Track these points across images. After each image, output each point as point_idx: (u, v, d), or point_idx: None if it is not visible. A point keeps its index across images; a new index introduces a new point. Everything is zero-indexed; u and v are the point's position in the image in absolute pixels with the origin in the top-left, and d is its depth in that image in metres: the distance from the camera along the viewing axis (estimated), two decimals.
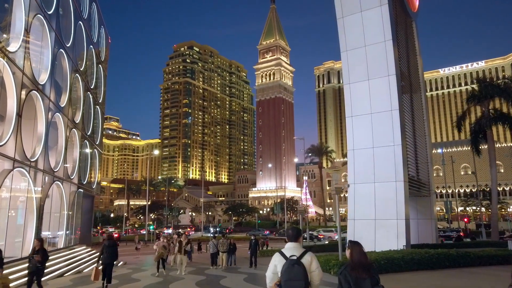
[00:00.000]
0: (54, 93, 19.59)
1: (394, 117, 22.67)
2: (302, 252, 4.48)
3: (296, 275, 4.28)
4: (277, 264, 4.46)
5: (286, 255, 4.47)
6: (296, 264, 4.33)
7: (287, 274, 4.29)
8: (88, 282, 13.26)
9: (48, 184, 19.31)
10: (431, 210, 28.73)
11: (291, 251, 4.51)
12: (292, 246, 4.60)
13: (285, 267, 4.33)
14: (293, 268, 4.31)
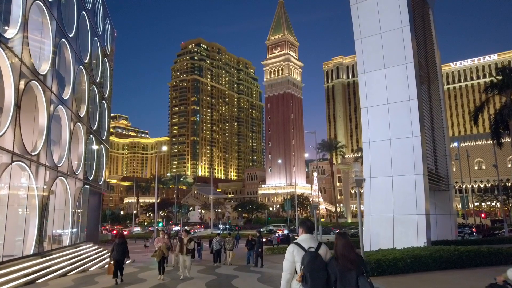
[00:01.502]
0: (56, 85, 18.78)
1: (412, 107, 21.53)
2: (318, 244, 4.65)
3: (319, 266, 4.42)
4: (295, 255, 4.58)
5: (303, 246, 4.58)
6: (318, 256, 4.48)
7: (311, 265, 4.41)
8: (91, 283, 12.41)
9: (51, 179, 18.53)
10: (450, 205, 27.55)
11: (308, 242, 4.64)
12: (307, 237, 4.74)
13: (307, 259, 4.45)
14: (316, 259, 4.45)
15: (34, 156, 16.06)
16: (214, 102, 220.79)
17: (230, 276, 13.06)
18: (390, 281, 10.33)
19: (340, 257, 4.44)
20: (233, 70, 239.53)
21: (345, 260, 4.39)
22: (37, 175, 16.67)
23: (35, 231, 16.14)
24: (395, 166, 21.23)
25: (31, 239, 16.02)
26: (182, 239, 13.92)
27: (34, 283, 13.16)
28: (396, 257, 12.00)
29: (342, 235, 4.71)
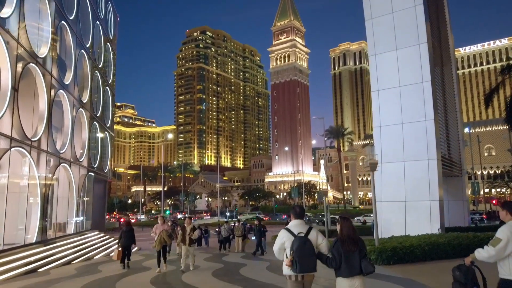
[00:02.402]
0: (57, 69, 18.19)
1: (426, 89, 20.72)
2: (307, 229, 4.74)
3: (308, 251, 4.56)
4: (285, 240, 4.70)
5: (293, 232, 4.70)
6: (307, 241, 4.59)
7: (300, 251, 4.53)
8: (94, 271, 11.98)
9: (53, 166, 18.08)
10: (462, 191, 26.86)
11: (298, 228, 4.75)
12: (298, 223, 4.84)
13: (297, 244, 4.56)
14: (305, 245, 4.56)
15: (34, 142, 15.56)
16: (220, 90, 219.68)
17: (238, 265, 12.54)
18: (408, 270, 9.74)
19: (345, 239, 4.56)
20: (238, 57, 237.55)
21: (350, 241, 4.53)
22: (38, 162, 16.20)
23: (37, 219, 15.74)
24: (408, 151, 20.55)
25: (34, 227, 15.63)
26: (184, 227, 11.93)
27: (35, 272, 12.75)
28: (413, 245, 11.38)
29: (346, 218, 4.86)
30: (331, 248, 4.65)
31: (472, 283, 4.42)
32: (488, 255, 4.31)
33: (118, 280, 9.79)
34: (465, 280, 4.45)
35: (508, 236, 4.23)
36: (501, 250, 4.24)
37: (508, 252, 4.26)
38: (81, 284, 9.35)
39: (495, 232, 4.45)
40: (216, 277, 9.96)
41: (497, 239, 4.27)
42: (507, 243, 4.21)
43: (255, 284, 8.74)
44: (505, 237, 4.24)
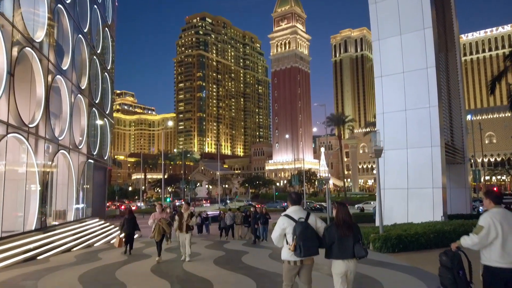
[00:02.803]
0: (54, 54, 17.81)
1: (430, 75, 20.37)
2: (307, 214, 4.88)
3: (311, 236, 4.69)
4: (286, 226, 4.79)
5: (294, 218, 4.81)
6: (309, 225, 4.73)
7: (303, 235, 4.64)
8: (93, 259, 11.82)
9: (52, 153, 17.83)
10: (465, 178, 26.70)
11: (297, 214, 4.86)
12: (296, 209, 4.96)
13: (300, 229, 4.67)
14: (308, 230, 4.69)
15: (32, 128, 15.28)
16: (220, 77, 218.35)
17: (239, 252, 12.37)
18: (414, 258, 9.57)
19: (341, 223, 4.76)
20: (238, 44, 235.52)
21: (345, 226, 4.73)
22: (36, 149, 15.95)
23: (36, 206, 15.55)
24: (411, 138, 20.31)
25: (33, 214, 15.45)
26: (181, 213, 11.05)
27: (35, 259, 12.61)
28: (418, 232, 11.20)
29: (342, 204, 5.06)
30: (324, 231, 4.85)
31: (458, 267, 4.53)
32: (472, 243, 4.40)
33: (118, 268, 9.63)
34: (451, 265, 4.56)
35: (489, 223, 4.31)
36: (484, 237, 4.32)
37: (491, 239, 4.32)
38: (81, 272, 9.18)
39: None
40: (218, 265, 9.79)
41: (479, 226, 4.35)
42: (489, 230, 4.29)
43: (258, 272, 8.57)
44: (486, 224, 4.32)
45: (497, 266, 4.31)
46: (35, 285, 7.74)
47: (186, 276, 8.35)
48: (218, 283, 7.51)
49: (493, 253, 4.31)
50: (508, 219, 4.38)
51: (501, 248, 4.28)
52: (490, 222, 4.32)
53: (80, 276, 8.64)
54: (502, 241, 4.28)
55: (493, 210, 4.45)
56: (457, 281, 4.51)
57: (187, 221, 10.77)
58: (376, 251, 11.25)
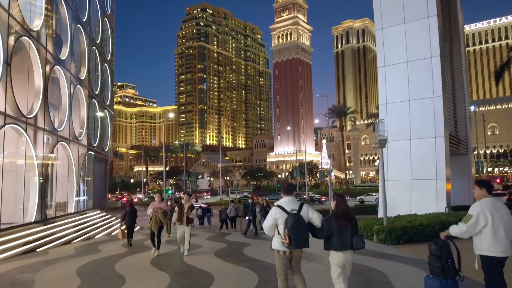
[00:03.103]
0: (52, 44, 17.53)
1: (434, 65, 20.02)
2: (299, 205, 4.88)
3: (303, 228, 4.71)
4: (278, 217, 4.79)
5: (286, 209, 4.80)
6: (301, 218, 4.73)
7: (295, 227, 4.65)
8: (93, 251, 11.67)
9: (51, 144, 17.64)
10: (468, 170, 26.43)
11: (290, 205, 4.86)
12: (289, 199, 4.95)
13: (291, 222, 4.67)
14: (300, 221, 4.70)
15: (30, 119, 15.06)
16: (221, 69, 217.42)
17: (241, 244, 12.20)
18: (419, 250, 9.35)
19: (340, 215, 4.79)
20: (239, 36, 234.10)
21: (344, 217, 4.77)
22: (35, 140, 15.75)
23: (36, 197, 15.40)
24: (414, 128, 20.04)
25: (33, 206, 15.31)
26: (182, 204, 10.29)
27: (34, 251, 12.47)
28: (423, 224, 10.99)
29: (340, 196, 5.06)
30: (323, 222, 4.87)
31: (447, 256, 4.59)
32: (460, 231, 4.51)
33: (118, 260, 9.46)
34: (440, 253, 4.61)
35: (478, 212, 4.37)
36: (472, 226, 4.40)
37: (480, 228, 4.39)
38: (80, 265, 9.01)
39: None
40: (219, 257, 9.59)
41: (469, 215, 4.45)
42: (478, 219, 4.36)
43: (260, 265, 8.38)
44: (476, 213, 4.38)
45: (488, 255, 4.38)
46: (32, 278, 7.57)
47: (186, 269, 8.17)
48: (219, 275, 7.32)
49: (484, 242, 4.37)
50: (498, 208, 4.45)
51: (492, 237, 4.34)
52: (480, 212, 4.37)
53: (79, 268, 8.48)
54: (493, 230, 4.34)
55: (484, 200, 4.49)
56: (445, 269, 4.57)
57: (187, 213, 10.08)
58: (380, 242, 11.05)
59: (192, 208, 10.19)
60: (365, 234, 12.28)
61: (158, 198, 11.02)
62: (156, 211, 10.31)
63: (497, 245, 4.33)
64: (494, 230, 4.34)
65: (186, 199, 10.39)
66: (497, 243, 4.33)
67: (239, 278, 7.15)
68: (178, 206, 10.42)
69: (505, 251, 4.38)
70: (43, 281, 7.27)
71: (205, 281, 6.92)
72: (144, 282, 7.00)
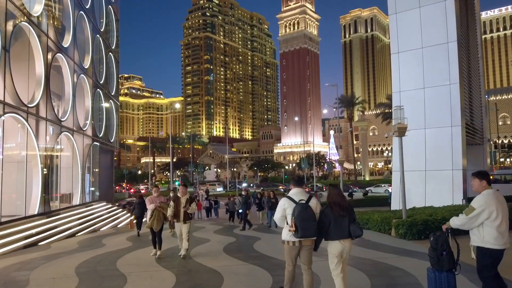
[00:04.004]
0: (53, 31, 16.94)
1: (451, 50, 19.16)
2: (308, 197, 5.02)
3: (309, 217, 4.79)
4: (286, 207, 4.93)
5: (294, 199, 4.93)
6: (308, 207, 4.84)
7: (302, 216, 4.76)
8: (96, 245, 11.17)
9: (54, 135, 17.17)
10: (483, 160, 25.66)
11: (299, 196, 4.99)
12: (298, 191, 5.08)
13: (298, 210, 4.79)
14: (307, 210, 4.81)
15: (32, 109, 14.54)
16: (227, 60, 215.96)
17: (250, 238, 11.60)
18: None
19: (334, 205, 4.85)
20: (246, 26, 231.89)
21: (338, 207, 4.83)
22: (37, 130, 15.26)
23: (39, 189, 14.95)
24: (429, 117, 19.28)
25: (35, 198, 14.86)
26: (178, 198, 8.69)
27: (36, 245, 12.02)
28: (445, 217, 10.28)
29: (335, 186, 5.16)
30: (320, 213, 4.91)
31: (442, 249, 4.57)
32: (461, 223, 4.46)
33: (121, 256, 8.91)
34: (436, 245, 4.62)
35: (483, 206, 4.29)
36: (474, 219, 4.35)
37: (481, 221, 4.34)
38: (80, 261, 8.49)
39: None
40: (228, 253, 8.98)
41: (471, 208, 4.40)
42: (481, 212, 4.28)
43: (273, 262, 7.77)
44: (480, 207, 4.30)
45: (490, 247, 4.31)
46: (27, 276, 7.03)
47: (193, 267, 7.57)
48: (229, 275, 6.73)
49: (487, 235, 4.30)
50: (501, 200, 4.39)
51: (496, 230, 4.27)
52: (484, 205, 4.29)
53: (79, 265, 7.94)
54: (496, 223, 4.27)
55: (487, 192, 4.41)
56: (440, 261, 4.56)
57: (185, 208, 8.46)
58: (399, 237, 10.38)
59: (191, 202, 8.58)
60: (382, 228, 11.64)
61: (156, 192, 9.65)
62: (160, 207, 8.97)
63: (499, 238, 4.28)
64: (497, 223, 4.27)
65: (182, 192, 8.73)
66: (499, 236, 4.27)
67: (251, 279, 6.55)
68: (174, 199, 8.74)
69: (506, 243, 4.33)
70: (38, 280, 6.74)
71: (214, 281, 6.34)
72: (146, 283, 6.43)
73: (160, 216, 8.96)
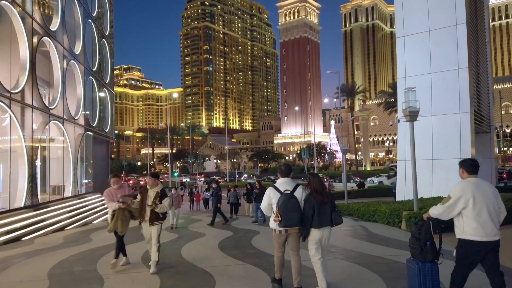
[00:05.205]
0: (39, 13, 15.95)
1: (460, 33, 18.22)
2: (294, 186, 5.05)
3: (293, 207, 4.87)
4: (272, 197, 5.03)
5: (280, 189, 5.00)
6: (292, 197, 4.90)
7: (285, 206, 4.85)
8: (82, 241, 10.35)
9: (42, 123, 16.27)
10: (491, 149, 24.85)
11: (284, 185, 5.06)
12: (284, 181, 5.15)
13: (282, 200, 4.88)
14: (290, 201, 4.87)
15: (15, 95, 13.63)
16: (227, 50, 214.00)
17: (249, 232, 10.75)
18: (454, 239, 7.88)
19: (315, 193, 4.92)
20: (245, 15, 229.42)
21: (320, 195, 4.91)
22: (22, 118, 14.36)
23: (25, 180, 14.09)
24: (436, 104, 18.38)
25: (22, 189, 14.02)
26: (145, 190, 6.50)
27: (19, 241, 11.22)
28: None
29: (314, 175, 5.18)
30: (304, 202, 4.95)
31: (425, 238, 4.49)
32: (438, 212, 4.37)
33: (105, 253, 8.05)
34: (419, 235, 4.54)
35: (459, 194, 4.17)
36: (450, 208, 4.23)
37: (458, 210, 4.20)
38: (59, 259, 7.64)
39: None
40: (224, 250, 8.11)
41: (448, 196, 4.29)
42: (457, 201, 4.16)
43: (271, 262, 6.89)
44: (455, 195, 4.20)
45: (470, 239, 4.11)
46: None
47: (182, 268, 6.67)
48: (222, 277, 5.88)
49: (467, 226, 4.13)
50: (483, 189, 4.15)
51: (474, 220, 4.08)
52: (460, 193, 4.15)
53: (56, 265, 7.09)
54: (474, 212, 4.08)
55: (466, 180, 4.29)
56: (423, 251, 4.46)
57: (152, 206, 6.30)
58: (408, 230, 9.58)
59: (162, 198, 6.37)
60: (391, 221, 10.84)
61: (117, 184, 7.06)
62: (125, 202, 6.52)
63: (479, 228, 4.05)
64: (475, 213, 4.06)
65: (151, 183, 6.48)
66: (479, 227, 4.05)
67: (247, 282, 5.70)
68: (141, 192, 6.54)
69: (489, 234, 4.05)
70: (2, 284, 5.90)
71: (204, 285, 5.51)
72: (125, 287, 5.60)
73: (126, 216, 6.62)
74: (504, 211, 4.30)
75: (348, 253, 7.48)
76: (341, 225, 5.21)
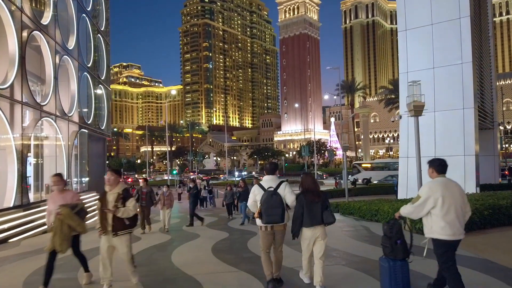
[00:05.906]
0: (29, 5, 15.41)
1: (464, 26, 17.78)
2: (278, 183, 5.13)
3: (274, 203, 4.92)
4: (256, 194, 5.15)
5: (264, 187, 5.11)
6: (274, 194, 4.98)
7: (267, 203, 4.93)
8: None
9: (33, 120, 15.77)
10: (494, 145, 24.45)
11: (269, 183, 5.16)
12: (269, 178, 5.25)
13: (264, 197, 4.97)
14: (272, 198, 4.95)
15: (4, 91, 13.13)
16: (226, 47, 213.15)
17: (246, 233, 10.25)
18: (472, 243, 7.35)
19: (307, 191, 5.04)
20: (245, 12, 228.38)
21: (311, 193, 5.01)
22: (12, 114, 13.88)
23: (14, 179, 13.60)
24: (439, 99, 17.96)
25: (11, 189, 13.53)
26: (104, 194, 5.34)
27: (6, 243, 10.74)
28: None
29: (308, 174, 5.38)
30: (296, 200, 5.04)
31: (396, 237, 4.51)
32: (408, 212, 4.41)
33: (92, 257, 7.58)
34: (390, 234, 4.54)
35: (427, 194, 4.21)
36: (419, 207, 4.28)
37: (427, 210, 4.25)
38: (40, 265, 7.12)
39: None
40: (217, 254, 7.57)
41: (417, 196, 4.35)
42: (426, 200, 4.21)
43: None
44: (424, 195, 4.24)
45: (438, 238, 4.21)
46: None
47: (169, 274, 6.14)
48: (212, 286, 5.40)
49: (434, 225, 4.21)
50: (451, 189, 4.22)
51: (442, 219, 4.15)
52: (429, 192, 4.20)
53: (35, 271, 6.60)
54: (443, 212, 4.14)
55: (434, 180, 4.33)
56: (394, 250, 4.46)
57: (113, 210, 5.07)
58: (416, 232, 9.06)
59: (125, 199, 5.14)
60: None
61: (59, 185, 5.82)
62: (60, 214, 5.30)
63: (447, 228, 4.13)
64: (444, 213, 4.14)
65: (112, 181, 5.26)
66: (447, 226, 4.13)
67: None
68: (99, 198, 5.37)
69: (456, 233, 4.18)
70: None
71: None
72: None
73: (64, 231, 5.31)
74: (469, 211, 4.40)
75: (350, 257, 7.00)
76: (342, 226, 5.43)
